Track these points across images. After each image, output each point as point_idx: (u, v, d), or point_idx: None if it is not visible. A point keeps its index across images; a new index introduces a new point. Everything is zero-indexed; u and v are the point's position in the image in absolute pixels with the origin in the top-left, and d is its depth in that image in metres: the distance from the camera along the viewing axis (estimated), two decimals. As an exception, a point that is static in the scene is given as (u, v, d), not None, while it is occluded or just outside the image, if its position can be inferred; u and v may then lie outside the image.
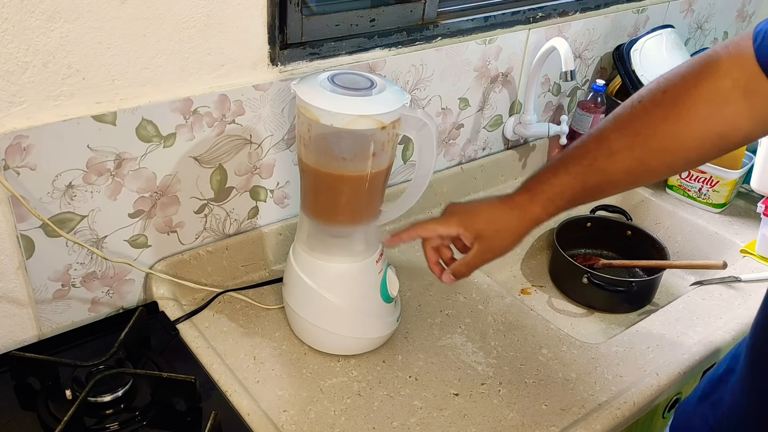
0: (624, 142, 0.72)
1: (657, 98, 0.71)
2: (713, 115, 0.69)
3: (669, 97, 0.70)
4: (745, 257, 1.19)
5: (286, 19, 0.93)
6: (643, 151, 0.72)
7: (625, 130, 0.73)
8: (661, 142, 0.71)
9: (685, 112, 0.69)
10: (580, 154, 0.75)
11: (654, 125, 0.71)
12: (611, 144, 0.73)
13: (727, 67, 0.68)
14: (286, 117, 0.99)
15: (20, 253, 0.83)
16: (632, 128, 0.72)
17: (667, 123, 0.70)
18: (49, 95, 0.78)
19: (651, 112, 0.71)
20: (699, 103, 0.69)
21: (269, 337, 0.93)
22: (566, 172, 0.75)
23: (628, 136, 0.72)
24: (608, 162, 0.73)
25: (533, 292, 1.26)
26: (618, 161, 0.73)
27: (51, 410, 0.79)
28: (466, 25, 1.14)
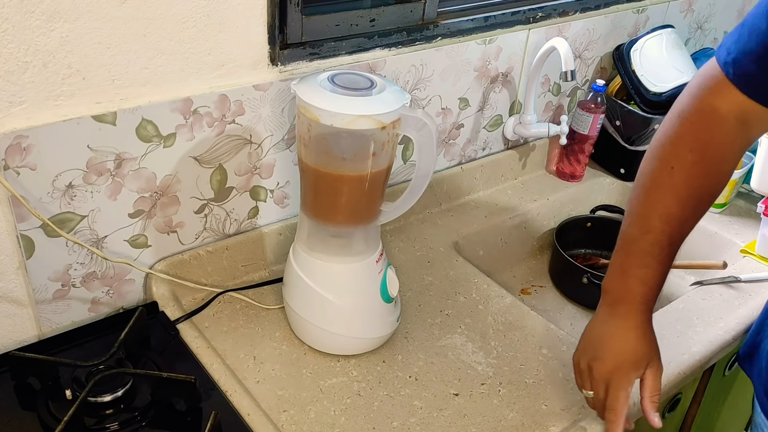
0: (684, 207, 0.76)
1: (688, 161, 0.75)
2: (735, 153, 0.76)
3: (698, 157, 0.75)
4: (745, 257, 1.19)
5: (286, 19, 0.93)
6: (698, 204, 0.77)
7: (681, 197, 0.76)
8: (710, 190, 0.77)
9: (717, 165, 0.76)
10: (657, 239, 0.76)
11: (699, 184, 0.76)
12: (676, 216, 0.76)
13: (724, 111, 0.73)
14: (286, 117, 0.99)
15: (20, 253, 0.83)
16: (685, 195, 0.76)
17: (709, 178, 0.76)
18: (49, 95, 0.78)
19: (691, 175, 0.75)
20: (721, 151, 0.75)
21: (269, 337, 0.93)
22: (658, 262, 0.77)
23: (685, 201, 0.76)
24: (680, 229, 0.77)
25: (533, 292, 1.26)
26: (686, 222, 0.77)
27: (51, 410, 0.79)
28: (466, 25, 1.14)
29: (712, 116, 0.74)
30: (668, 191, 0.76)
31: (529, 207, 1.31)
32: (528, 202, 1.32)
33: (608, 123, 1.39)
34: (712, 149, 0.75)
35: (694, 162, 0.75)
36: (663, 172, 0.76)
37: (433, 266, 1.10)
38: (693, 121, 0.75)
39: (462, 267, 1.11)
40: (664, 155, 0.77)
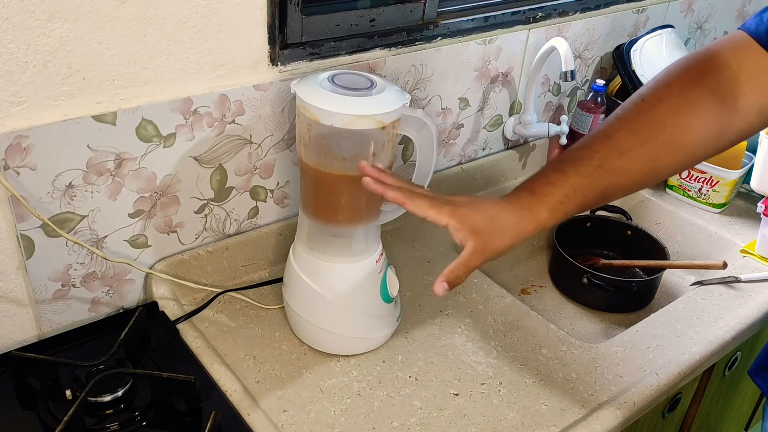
0: (634, 140, 0.70)
1: (662, 93, 0.71)
2: (719, 105, 0.69)
3: (675, 90, 0.70)
4: (745, 257, 1.19)
5: (286, 19, 0.93)
6: (653, 147, 0.70)
7: (633, 127, 0.70)
8: (671, 136, 0.70)
9: (693, 104, 0.69)
10: (588, 154, 0.71)
11: (663, 119, 0.70)
12: (621, 142, 0.70)
13: (726, 59, 0.69)
14: (286, 117, 0.99)
15: (20, 253, 0.83)
16: (641, 124, 0.70)
17: (676, 116, 0.69)
18: (49, 95, 0.78)
19: (658, 106, 0.70)
20: (704, 95, 0.69)
21: (269, 337, 0.93)
22: (576, 173, 0.70)
23: (638, 132, 0.70)
24: (620, 161, 0.70)
25: (533, 292, 1.26)
26: (629, 160, 0.70)
27: (51, 410, 0.79)
28: (466, 25, 1.14)
29: (713, 59, 0.70)
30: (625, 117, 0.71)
31: (529, 207, 1.31)
32: (528, 202, 1.31)
33: (608, 123, 1.39)
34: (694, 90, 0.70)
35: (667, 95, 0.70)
36: (631, 101, 0.72)
37: (433, 266, 1.10)
38: (688, 60, 0.71)
39: (462, 267, 1.11)
40: (642, 89, 0.73)
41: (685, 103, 0.69)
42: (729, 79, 0.69)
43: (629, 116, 0.71)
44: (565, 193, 0.71)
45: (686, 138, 0.70)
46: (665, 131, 0.70)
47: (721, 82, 0.69)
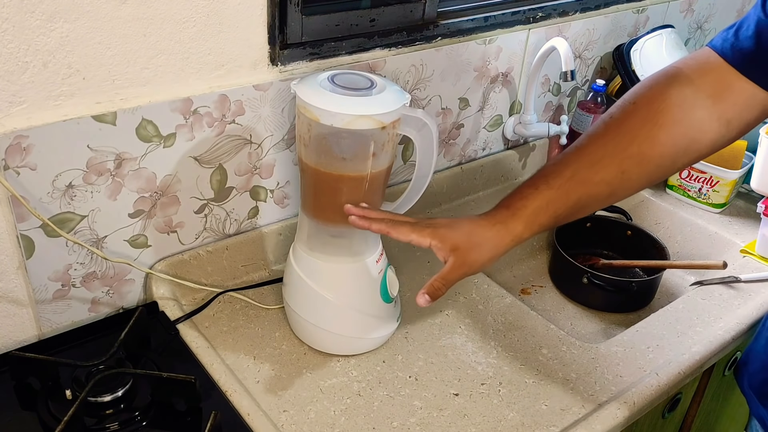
0: (603, 151, 0.74)
1: (628, 110, 0.75)
2: (685, 119, 0.73)
3: (640, 105, 0.74)
4: (745, 257, 1.19)
5: (286, 19, 0.93)
6: (622, 159, 0.74)
7: (603, 141, 0.75)
8: (639, 149, 0.73)
9: (659, 116, 0.73)
10: (560, 168, 0.75)
11: (631, 133, 0.74)
12: (591, 155, 0.74)
13: (689, 75, 0.73)
14: (286, 117, 0.99)
15: (20, 253, 0.83)
16: (610, 138, 0.74)
17: (642, 129, 0.73)
18: (49, 95, 0.78)
19: (625, 121, 0.74)
20: (670, 107, 0.73)
21: (269, 337, 0.93)
22: (548, 187, 0.75)
23: (607, 145, 0.74)
24: (590, 173, 0.74)
25: (533, 292, 1.26)
26: (600, 171, 0.74)
27: (51, 410, 0.79)
28: (466, 25, 1.14)
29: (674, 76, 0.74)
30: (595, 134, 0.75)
31: (529, 207, 1.31)
32: (528, 202, 1.31)
33: (608, 123, 1.39)
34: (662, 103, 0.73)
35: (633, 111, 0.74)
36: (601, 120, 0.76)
37: (433, 266, 1.10)
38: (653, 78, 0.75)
39: (462, 267, 1.11)
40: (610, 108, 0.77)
41: (651, 117, 0.73)
42: (692, 94, 0.73)
43: (599, 133, 0.75)
44: (538, 205, 0.75)
45: (654, 151, 0.73)
46: (633, 144, 0.73)
47: (685, 96, 0.73)
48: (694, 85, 0.73)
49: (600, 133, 0.75)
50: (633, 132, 0.74)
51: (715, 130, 0.74)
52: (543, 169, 0.78)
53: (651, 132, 0.73)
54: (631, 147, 0.73)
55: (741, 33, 0.72)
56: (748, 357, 0.93)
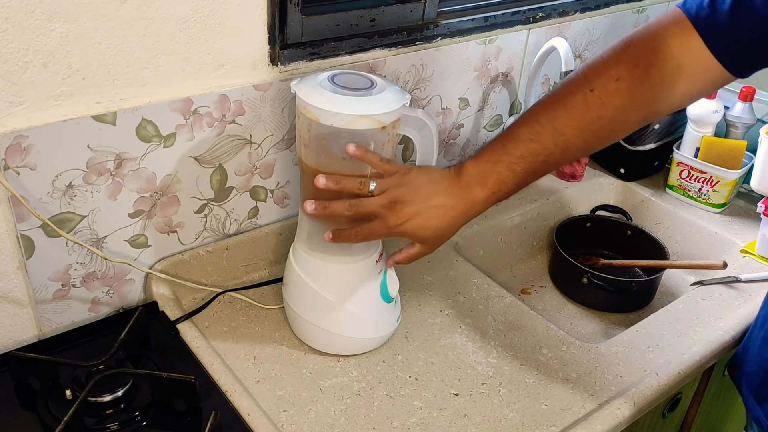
0: (579, 136, 0.74)
1: (611, 88, 0.73)
2: (657, 98, 0.73)
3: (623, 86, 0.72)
4: (745, 257, 1.19)
5: (286, 19, 0.93)
6: (593, 142, 0.75)
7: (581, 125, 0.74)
8: (611, 131, 0.75)
9: (638, 103, 0.73)
10: (537, 150, 0.75)
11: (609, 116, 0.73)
12: (567, 140, 0.74)
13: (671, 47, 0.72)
14: (286, 117, 0.99)
15: (20, 253, 0.83)
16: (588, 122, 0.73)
17: (622, 114, 0.73)
18: (49, 95, 0.78)
19: (606, 102, 0.73)
20: (649, 90, 0.73)
21: (269, 337, 0.93)
22: (525, 170, 0.76)
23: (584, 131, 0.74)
24: (561, 157, 0.76)
25: (533, 292, 1.26)
26: (569, 154, 0.76)
27: (51, 410, 0.79)
28: (466, 25, 1.14)
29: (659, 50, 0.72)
30: (575, 112, 0.74)
31: (528, 207, 1.31)
32: (528, 202, 1.31)
33: (608, 123, 1.39)
34: (642, 86, 0.72)
35: (616, 91, 0.72)
36: (580, 90, 0.74)
37: (433, 266, 1.10)
38: (637, 48, 0.73)
39: (462, 267, 1.11)
40: (590, 74, 0.74)
41: (631, 103, 0.73)
42: (672, 71, 0.72)
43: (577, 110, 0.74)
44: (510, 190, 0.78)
45: (624, 130, 0.76)
46: (608, 127, 0.74)
47: (665, 75, 0.72)
48: (674, 61, 0.72)
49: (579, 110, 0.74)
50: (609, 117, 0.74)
51: (675, 103, 0.75)
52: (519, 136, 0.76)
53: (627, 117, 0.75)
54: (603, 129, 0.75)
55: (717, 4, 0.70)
56: (743, 358, 0.93)
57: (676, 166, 1.34)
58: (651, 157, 1.39)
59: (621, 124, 0.75)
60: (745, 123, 1.30)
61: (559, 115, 0.74)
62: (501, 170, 0.76)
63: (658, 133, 1.35)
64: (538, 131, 0.75)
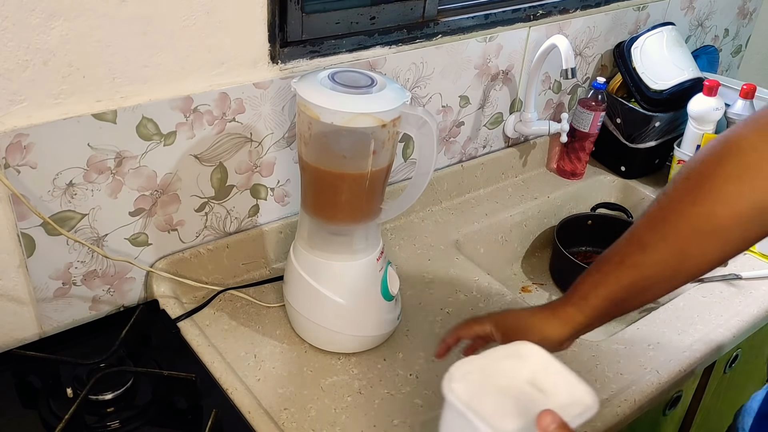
0: (655, 235, 0.68)
1: (680, 187, 0.68)
2: (745, 190, 0.65)
3: (693, 182, 0.67)
4: (746, 255, 1.19)
5: (286, 17, 0.93)
6: (677, 240, 0.67)
7: (654, 222, 0.69)
8: (695, 226, 0.67)
9: (715, 192, 0.66)
10: (611, 254, 0.72)
11: (683, 210, 0.67)
12: (642, 237, 0.69)
13: (752, 141, 0.65)
14: (287, 115, 0.99)
15: (21, 252, 0.83)
16: (661, 218, 0.68)
17: (696, 207, 0.66)
18: (49, 93, 0.78)
19: (677, 199, 0.68)
20: (726, 182, 0.65)
21: (270, 335, 0.94)
22: (597, 271, 0.72)
23: (656, 225, 0.68)
24: (642, 257, 0.69)
25: (534, 290, 1.26)
26: (652, 254, 0.68)
27: (52, 408, 0.79)
28: (466, 23, 1.14)
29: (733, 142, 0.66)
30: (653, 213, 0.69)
31: (529, 205, 1.31)
32: (528, 200, 1.32)
33: (609, 121, 1.39)
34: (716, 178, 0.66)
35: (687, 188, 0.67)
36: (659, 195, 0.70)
37: (434, 264, 1.10)
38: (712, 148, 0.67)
39: (462, 265, 1.11)
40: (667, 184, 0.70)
41: (704, 192, 0.66)
42: (753, 163, 0.65)
43: (652, 213, 0.70)
44: (587, 290, 0.72)
45: (713, 224, 0.66)
46: (687, 222, 0.67)
47: (744, 167, 0.65)
48: (756, 152, 0.65)
49: (653, 213, 0.70)
50: (684, 211, 0.67)
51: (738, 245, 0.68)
52: (600, 258, 0.73)
53: (703, 209, 0.66)
54: (683, 226, 0.67)
55: None
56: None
57: (677, 163, 1.33)
58: (652, 155, 1.39)
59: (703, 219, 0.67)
60: (746, 120, 1.30)
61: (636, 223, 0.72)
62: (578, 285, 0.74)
63: (658, 130, 1.35)
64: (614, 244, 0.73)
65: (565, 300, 0.73)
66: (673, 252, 0.68)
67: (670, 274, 0.69)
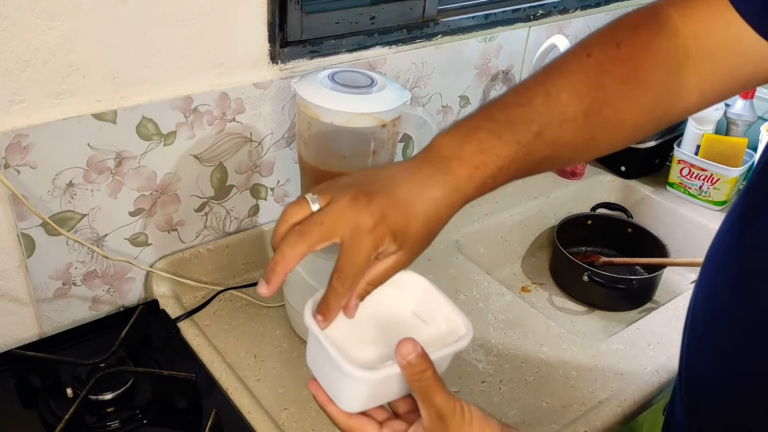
0: (578, 107, 0.57)
1: (611, 53, 0.58)
2: (665, 83, 0.59)
3: (624, 53, 0.58)
4: (746, 255, 1.19)
5: (286, 17, 0.93)
6: (595, 123, 0.58)
7: (578, 91, 0.58)
8: (616, 112, 0.59)
9: (643, 76, 0.58)
10: (529, 117, 0.57)
11: (611, 88, 0.58)
12: (564, 107, 0.57)
13: (678, 26, 0.59)
14: (287, 115, 0.99)
15: (21, 252, 0.83)
16: (587, 89, 0.58)
17: (625, 86, 0.58)
18: (49, 93, 0.78)
19: (607, 68, 0.58)
20: (654, 67, 0.58)
21: (270, 335, 0.93)
22: (515, 141, 0.56)
23: (583, 98, 0.57)
24: (560, 131, 0.57)
25: (534, 290, 1.26)
26: (569, 131, 0.58)
27: (52, 408, 0.79)
28: (466, 23, 1.14)
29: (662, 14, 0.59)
30: (570, 76, 0.58)
31: (529, 205, 1.31)
32: (528, 200, 1.31)
33: (609, 120, 1.39)
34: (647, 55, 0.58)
35: (617, 58, 0.58)
36: (575, 57, 0.59)
37: (434, 264, 1.10)
38: (638, 15, 0.60)
39: (462, 265, 1.11)
40: (586, 42, 0.60)
41: (636, 73, 0.58)
42: (677, 52, 0.58)
43: (574, 74, 0.58)
44: (500, 166, 0.57)
45: (631, 116, 0.60)
46: (612, 103, 0.58)
47: (671, 55, 0.58)
48: (681, 38, 0.58)
49: (575, 75, 0.58)
50: (612, 90, 0.58)
51: (688, 97, 0.60)
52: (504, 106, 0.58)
53: (631, 92, 0.58)
54: (606, 108, 0.58)
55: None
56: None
57: (677, 163, 1.33)
58: (652, 155, 1.39)
59: (628, 104, 0.59)
60: (746, 120, 1.30)
61: (553, 79, 0.58)
62: (483, 137, 0.56)
63: (658, 130, 1.35)
64: (528, 96, 0.58)
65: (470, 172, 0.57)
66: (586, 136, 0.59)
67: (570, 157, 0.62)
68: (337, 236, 0.53)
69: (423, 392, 0.51)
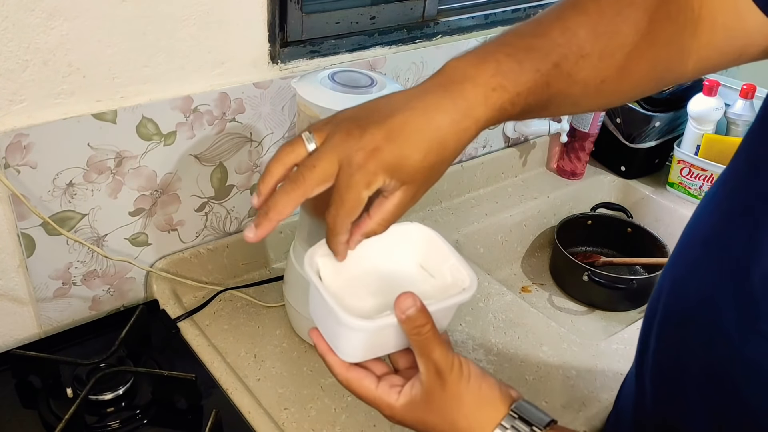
0: (595, 45, 0.55)
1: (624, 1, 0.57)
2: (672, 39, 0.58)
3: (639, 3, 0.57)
4: (746, 255, 1.19)
5: (286, 17, 0.93)
6: (609, 64, 0.57)
7: (597, 30, 0.56)
8: (627, 58, 0.57)
9: (655, 28, 0.57)
10: (548, 47, 0.55)
11: (626, 34, 0.56)
12: (582, 43, 0.55)
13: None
14: (287, 115, 0.99)
15: (21, 252, 0.83)
16: (605, 28, 0.56)
17: (637, 36, 0.57)
18: (49, 93, 0.78)
19: (623, 13, 0.56)
20: (666, 21, 0.58)
21: (270, 335, 0.94)
22: (534, 69, 0.53)
23: (601, 38, 0.56)
24: (576, 68, 0.55)
25: (534, 289, 1.26)
26: (584, 69, 0.56)
27: (52, 408, 0.79)
28: (466, 23, 1.14)
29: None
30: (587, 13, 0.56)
31: (529, 205, 1.31)
32: (528, 200, 1.32)
33: (609, 120, 1.39)
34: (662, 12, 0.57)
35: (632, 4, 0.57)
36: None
37: (434, 264, 1.10)
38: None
39: (462, 265, 1.11)
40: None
41: (649, 22, 0.56)
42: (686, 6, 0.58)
43: (591, 14, 0.56)
44: (518, 92, 0.53)
45: (637, 67, 0.58)
46: (623, 51, 0.56)
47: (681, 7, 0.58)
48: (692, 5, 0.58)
49: (592, 13, 0.56)
50: (629, 32, 0.56)
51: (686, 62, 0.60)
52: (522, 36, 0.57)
53: (644, 41, 0.56)
54: (619, 53, 0.56)
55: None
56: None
57: (677, 163, 1.33)
58: (651, 155, 1.39)
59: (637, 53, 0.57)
60: (746, 120, 1.30)
61: (570, 14, 0.56)
62: (502, 59, 0.53)
63: (658, 130, 1.35)
64: (546, 28, 0.56)
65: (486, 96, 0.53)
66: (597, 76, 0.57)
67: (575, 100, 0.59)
68: (332, 178, 0.52)
69: (421, 347, 0.51)
